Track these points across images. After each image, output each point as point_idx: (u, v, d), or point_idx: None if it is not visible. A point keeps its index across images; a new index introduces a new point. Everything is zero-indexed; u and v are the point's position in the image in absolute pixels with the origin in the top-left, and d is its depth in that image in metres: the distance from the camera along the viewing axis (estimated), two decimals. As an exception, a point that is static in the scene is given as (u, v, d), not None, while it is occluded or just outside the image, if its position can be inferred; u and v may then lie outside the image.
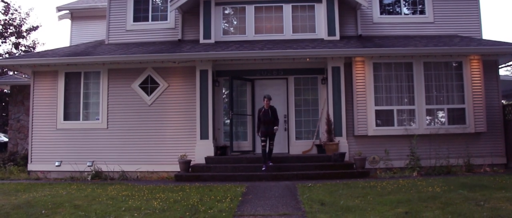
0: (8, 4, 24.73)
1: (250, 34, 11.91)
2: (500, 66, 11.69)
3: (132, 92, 11.29)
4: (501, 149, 10.87)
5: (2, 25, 24.67)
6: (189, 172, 10.11)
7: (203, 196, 7.15)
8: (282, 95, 11.61)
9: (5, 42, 25.33)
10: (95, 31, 14.78)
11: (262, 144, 9.79)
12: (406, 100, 10.85)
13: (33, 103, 11.55)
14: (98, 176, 10.65)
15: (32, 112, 11.53)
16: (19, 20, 25.83)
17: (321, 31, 11.79)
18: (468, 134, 10.63)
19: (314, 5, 11.95)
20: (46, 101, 11.48)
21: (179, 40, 12.13)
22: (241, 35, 11.98)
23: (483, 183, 7.77)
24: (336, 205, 6.12)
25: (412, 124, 10.71)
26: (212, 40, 11.70)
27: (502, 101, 13.23)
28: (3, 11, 24.61)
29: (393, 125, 10.70)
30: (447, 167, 10.04)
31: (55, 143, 11.29)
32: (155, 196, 7.35)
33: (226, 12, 12.28)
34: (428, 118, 10.78)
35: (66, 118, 11.38)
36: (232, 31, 12.31)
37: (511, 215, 5.14)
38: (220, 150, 11.05)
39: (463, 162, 10.28)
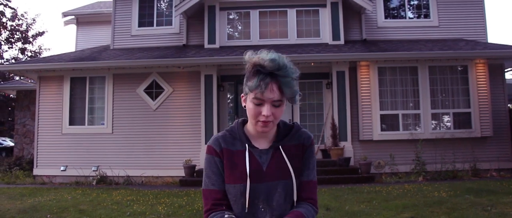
0: (15, 10, 24.96)
1: (254, 39, 11.93)
2: (506, 70, 11.63)
3: (137, 97, 11.32)
4: (508, 154, 10.78)
5: (9, 30, 24.88)
6: (194, 177, 10.11)
7: (208, 201, 7.14)
8: (286, 100, 11.57)
9: (12, 47, 25.56)
10: (100, 37, 14.86)
11: None
12: (411, 104, 10.81)
13: (38, 108, 11.61)
14: (103, 180, 10.67)
15: (38, 116, 11.58)
16: (26, 25, 26.08)
17: (326, 36, 11.78)
18: (474, 138, 10.56)
19: (318, 10, 11.96)
20: (52, 106, 11.52)
21: (183, 45, 12.16)
22: (245, 40, 12.00)
23: (489, 188, 7.72)
24: (342, 210, 6.09)
25: (418, 128, 10.66)
26: (216, 45, 11.72)
27: (509, 105, 13.15)
28: (10, 17, 24.83)
29: (398, 130, 10.66)
30: (453, 171, 9.98)
31: (61, 147, 11.32)
32: (160, 201, 7.35)
33: (231, 17, 12.31)
34: (433, 122, 10.72)
35: (71, 122, 11.41)
36: (237, 36, 12.33)
37: (519, 220, 5.09)
38: (225, 154, 11.01)
39: (469, 166, 10.20)
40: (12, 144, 18.06)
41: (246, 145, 1.68)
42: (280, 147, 1.69)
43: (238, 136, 1.70)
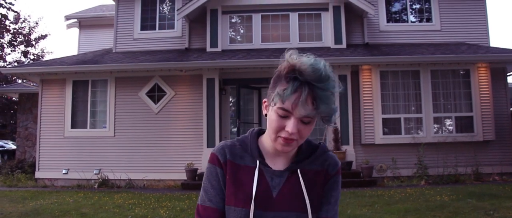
0: (18, 13, 25.06)
1: (256, 43, 11.94)
2: (508, 74, 11.62)
3: (139, 101, 11.33)
4: (511, 157, 10.74)
5: (11, 33, 24.99)
6: (196, 181, 10.10)
7: (210, 205, 7.13)
8: (288, 103, 11.56)
9: (14, 50, 25.70)
10: (102, 40, 14.90)
11: None
12: (413, 108, 10.79)
13: (41, 111, 11.62)
14: (105, 184, 10.67)
15: (40, 119, 11.60)
16: (28, 29, 26.20)
17: (328, 40, 11.79)
18: (477, 142, 10.53)
19: (320, 14, 11.97)
20: (54, 109, 11.54)
21: (186, 48, 12.18)
22: (248, 44, 12.01)
23: (492, 192, 7.70)
24: (344, 214, 6.08)
25: (420, 132, 10.64)
26: (219, 49, 11.74)
27: (511, 109, 13.11)
28: (13, 20, 24.94)
29: (400, 133, 10.64)
30: (455, 175, 9.96)
31: (63, 150, 11.33)
32: (161, 204, 7.35)
33: (233, 20, 12.33)
34: (435, 126, 10.71)
35: (73, 125, 11.42)
36: (239, 39, 12.35)
37: (521, 225, 5.07)
38: (226, 158, 11.01)
39: (472, 170, 10.17)
40: (14, 147, 18.10)
41: (257, 161, 1.36)
42: (298, 170, 1.37)
43: (249, 148, 1.40)
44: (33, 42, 26.29)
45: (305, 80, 1.22)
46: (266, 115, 1.34)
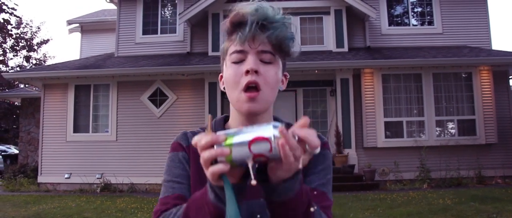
0: (20, 18, 25.16)
1: (258, 46, 11.93)
2: (510, 77, 11.60)
3: (141, 105, 11.34)
4: (513, 161, 10.73)
5: (14, 38, 25.08)
6: (198, 184, 10.08)
7: (212, 209, 7.12)
8: (290, 107, 11.59)
9: (17, 55, 25.77)
10: (104, 44, 14.94)
11: None
12: (415, 111, 10.78)
13: (43, 116, 11.64)
14: (107, 188, 10.67)
15: (42, 124, 11.62)
16: (31, 33, 26.29)
17: (330, 43, 11.80)
18: (479, 146, 10.50)
19: (322, 17, 11.98)
20: (56, 113, 11.56)
21: (187, 52, 12.21)
22: (249, 47, 12.01)
23: (494, 195, 7.67)
24: (346, 217, 6.06)
25: (422, 135, 10.62)
26: (220, 53, 11.72)
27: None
28: (15, 25, 25.03)
29: (402, 137, 10.62)
30: (458, 179, 9.93)
31: (65, 155, 11.34)
32: (163, 208, 7.34)
33: (235, 24, 12.34)
34: (438, 129, 10.69)
35: (75, 130, 11.44)
36: (241, 43, 12.36)
37: (525, 228, 5.06)
38: (228, 162, 11.00)
39: (474, 173, 10.14)
40: (16, 152, 18.11)
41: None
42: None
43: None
44: (35, 47, 26.39)
45: (250, 20, 1.07)
46: (223, 88, 1.22)
